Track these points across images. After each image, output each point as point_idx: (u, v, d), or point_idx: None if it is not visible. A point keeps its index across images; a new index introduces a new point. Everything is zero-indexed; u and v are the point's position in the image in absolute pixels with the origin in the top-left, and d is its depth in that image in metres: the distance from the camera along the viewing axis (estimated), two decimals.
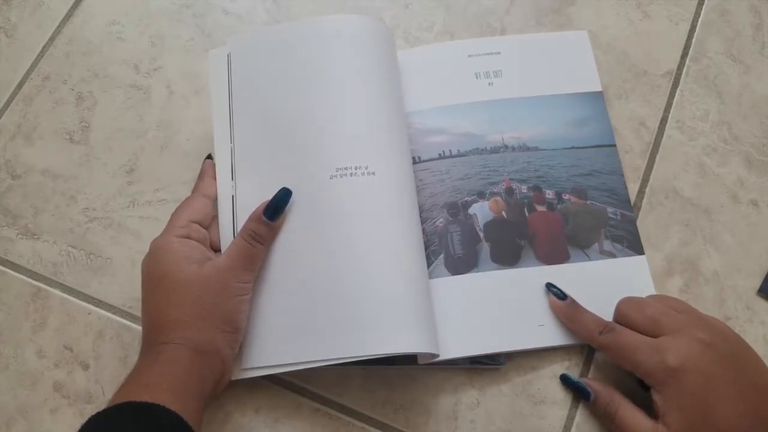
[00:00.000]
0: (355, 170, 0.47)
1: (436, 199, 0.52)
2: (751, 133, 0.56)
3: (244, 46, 0.52)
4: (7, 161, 0.56)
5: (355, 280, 0.45)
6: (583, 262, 0.50)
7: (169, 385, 0.40)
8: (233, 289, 0.44)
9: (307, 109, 0.49)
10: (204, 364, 0.42)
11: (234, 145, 0.50)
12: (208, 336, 0.43)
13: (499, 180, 0.53)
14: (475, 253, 0.50)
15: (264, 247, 0.46)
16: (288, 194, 0.46)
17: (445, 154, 0.53)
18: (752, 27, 0.59)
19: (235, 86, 0.51)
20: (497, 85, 0.55)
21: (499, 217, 0.52)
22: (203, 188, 0.49)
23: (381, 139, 0.48)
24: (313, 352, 0.44)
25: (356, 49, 0.50)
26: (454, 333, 0.47)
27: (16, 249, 0.54)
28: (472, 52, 0.56)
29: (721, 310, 0.51)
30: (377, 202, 0.47)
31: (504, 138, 0.54)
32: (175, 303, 0.43)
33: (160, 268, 0.44)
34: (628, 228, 0.52)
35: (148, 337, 0.44)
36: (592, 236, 0.51)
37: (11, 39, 0.60)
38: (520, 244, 0.51)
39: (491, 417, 0.48)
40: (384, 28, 0.52)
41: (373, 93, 0.49)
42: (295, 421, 0.48)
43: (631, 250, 0.51)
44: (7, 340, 0.51)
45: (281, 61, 0.50)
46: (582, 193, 0.52)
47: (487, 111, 0.55)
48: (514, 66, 0.56)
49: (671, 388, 0.42)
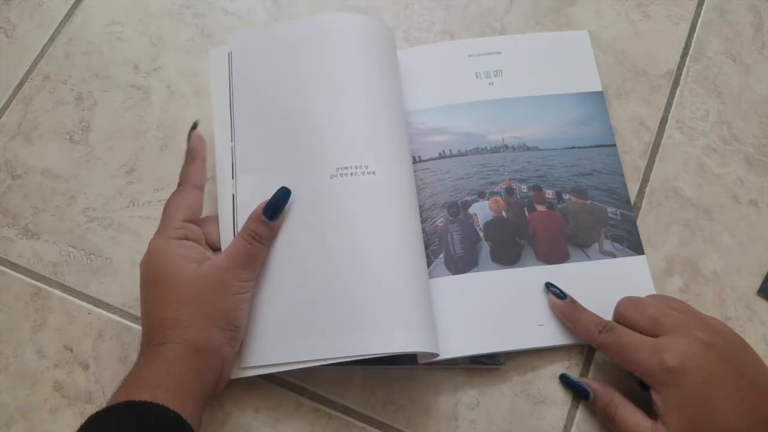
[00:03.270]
0: (355, 169, 0.47)
1: (436, 198, 0.52)
2: (751, 133, 0.56)
3: (245, 45, 0.52)
4: (7, 161, 0.56)
5: (355, 279, 0.45)
6: (583, 262, 0.50)
7: (167, 384, 0.40)
8: (233, 287, 0.44)
9: (308, 108, 0.49)
10: (203, 363, 0.42)
11: (235, 144, 0.50)
12: (207, 335, 0.43)
13: (500, 179, 0.53)
14: (475, 252, 0.50)
15: (264, 247, 0.46)
16: (287, 194, 0.46)
17: (446, 153, 0.54)
18: (752, 27, 0.59)
19: (236, 85, 0.51)
20: (497, 84, 0.55)
21: (499, 216, 0.52)
22: (193, 177, 0.48)
23: (381, 139, 0.48)
24: (313, 351, 0.44)
25: (358, 48, 0.50)
26: (454, 332, 0.47)
27: (16, 249, 0.54)
28: (473, 52, 0.56)
29: (721, 310, 0.51)
30: (377, 201, 0.47)
31: (504, 137, 0.54)
32: (174, 302, 0.43)
33: (158, 268, 0.44)
34: (628, 228, 0.52)
35: (148, 336, 0.44)
36: (592, 236, 0.51)
37: (11, 39, 0.60)
38: (521, 244, 0.51)
39: (491, 417, 0.48)
40: (385, 28, 0.52)
41: (373, 92, 0.50)
42: (295, 421, 0.48)
43: (631, 249, 0.51)
44: (7, 340, 0.51)
45: (282, 60, 0.50)
46: (582, 192, 0.52)
47: (487, 110, 0.55)
48: (514, 66, 0.56)
49: (671, 387, 0.42)
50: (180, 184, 0.48)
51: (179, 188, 0.48)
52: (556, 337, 0.48)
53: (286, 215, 0.47)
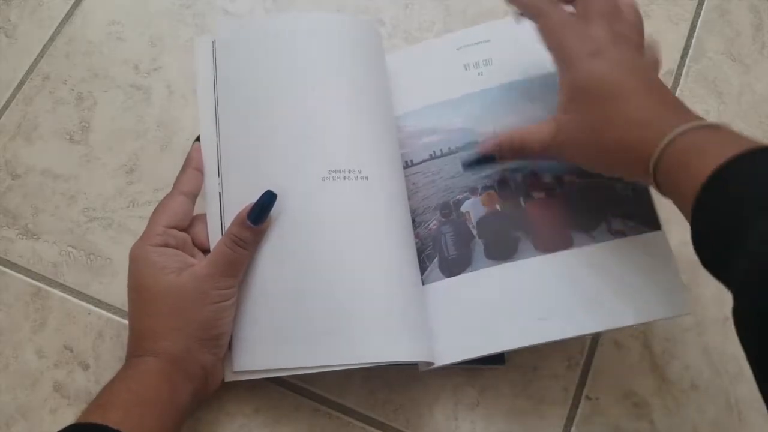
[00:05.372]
0: (348, 173, 0.46)
1: (428, 201, 0.50)
2: (751, 133, 0.55)
3: (231, 36, 0.50)
4: (7, 161, 0.56)
5: (345, 286, 0.44)
6: (588, 246, 0.46)
7: (123, 402, 0.40)
8: (212, 296, 0.43)
9: (298, 106, 0.47)
10: (178, 374, 0.42)
11: (220, 140, 0.48)
12: (183, 346, 0.43)
13: (492, 172, 0.50)
14: (468, 251, 0.48)
15: (248, 252, 0.44)
16: (273, 197, 0.44)
17: (436, 153, 0.51)
18: (752, 27, 0.59)
19: (221, 77, 0.49)
20: (487, 74, 0.52)
21: (492, 210, 0.49)
22: (183, 184, 0.47)
23: (373, 143, 0.48)
24: (303, 358, 0.44)
25: (348, 49, 0.50)
26: (450, 338, 0.46)
27: (16, 249, 0.54)
28: (461, 44, 0.54)
29: (721, 310, 0.50)
30: (369, 207, 0.46)
31: (495, 128, 0.50)
32: (152, 314, 0.43)
33: (137, 279, 0.44)
34: (640, 202, 0.46)
35: (129, 348, 0.44)
36: (598, 216, 0.46)
37: (11, 39, 0.60)
38: (516, 236, 0.48)
39: (491, 417, 0.48)
40: (375, 31, 0.52)
41: (365, 95, 0.49)
42: (295, 421, 0.48)
43: (645, 225, 0.45)
44: (7, 340, 0.51)
45: (271, 54, 0.49)
46: (584, 171, 0.46)
47: (478, 102, 0.52)
48: (504, 51, 0.53)
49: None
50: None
51: (167, 194, 0.47)
52: (558, 331, 0.45)
53: (276, 215, 0.45)
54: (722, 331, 0.50)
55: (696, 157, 0.36)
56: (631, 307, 0.44)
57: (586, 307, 0.45)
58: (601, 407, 0.48)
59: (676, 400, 0.48)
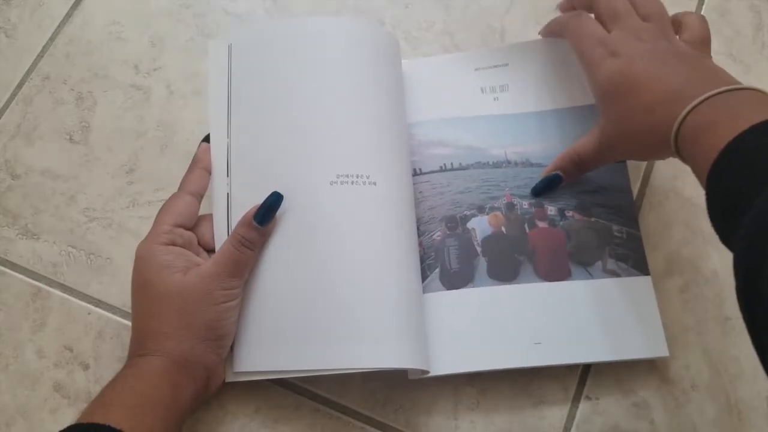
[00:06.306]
0: (356, 178, 0.46)
1: (434, 212, 0.51)
2: None
3: (248, 39, 0.51)
4: (7, 161, 0.56)
5: (349, 291, 0.44)
6: (585, 280, 0.49)
7: (125, 402, 0.40)
8: (217, 296, 0.43)
9: (310, 111, 0.48)
10: (181, 374, 0.42)
11: (231, 141, 0.49)
12: (187, 346, 0.43)
13: (500, 195, 0.51)
14: (471, 267, 0.49)
15: (253, 253, 0.45)
16: (279, 198, 0.45)
17: (447, 167, 0.52)
18: (752, 27, 0.59)
19: (235, 79, 0.50)
20: (503, 99, 0.54)
21: (498, 231, 0.50)
22: (191, 183, 0.47)
23: (383, 149, 0.48)
24: (303, 361, 0.44)
25: (365, 54, 0.50)
26: (447, 349, 0.47)
27: (16, 249, 0.54)
28: (480, 65, 0.55)
29: (721, 310, 0.50)
30: (376, 213, 0.46)
31: (507, 153, 0.53)
32: (157, 314, 0.43)
33: (143, 278, 0.44)
34: (633, 247, 0.50)
35: (132, 347, 0.44)
36: (595, 254, 0.49)
37: (11, 39, 0.60)
38: (519, 260, 0.49)
39: (491, 417, 0.48)
40: (392, 37, 0.52)
41: (378, 101, 0.49)
42: (295, 421, 0.48)
43: (636, 269, 0.49)
44: (7, 340, 0.51)
45: (287, 58, 0.49)
46: (586, 209, 0.51)
47: (491, 125, 0.53)
48: (521, 80, 0.55)
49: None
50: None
51: (174, 193, 0.48)
52: (553, 356, 0.47)
53: (282, 218, 0.46)
54: (722, 331, 0.50)
55: (706, 133, 0.38)
56: (616, 344, 0.47)
57: (578, 339, 0.48)
58: (601, 407, 0.48)
59: (676, 400, 0.48)
